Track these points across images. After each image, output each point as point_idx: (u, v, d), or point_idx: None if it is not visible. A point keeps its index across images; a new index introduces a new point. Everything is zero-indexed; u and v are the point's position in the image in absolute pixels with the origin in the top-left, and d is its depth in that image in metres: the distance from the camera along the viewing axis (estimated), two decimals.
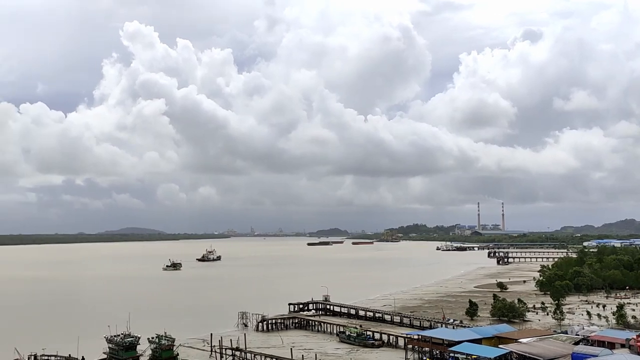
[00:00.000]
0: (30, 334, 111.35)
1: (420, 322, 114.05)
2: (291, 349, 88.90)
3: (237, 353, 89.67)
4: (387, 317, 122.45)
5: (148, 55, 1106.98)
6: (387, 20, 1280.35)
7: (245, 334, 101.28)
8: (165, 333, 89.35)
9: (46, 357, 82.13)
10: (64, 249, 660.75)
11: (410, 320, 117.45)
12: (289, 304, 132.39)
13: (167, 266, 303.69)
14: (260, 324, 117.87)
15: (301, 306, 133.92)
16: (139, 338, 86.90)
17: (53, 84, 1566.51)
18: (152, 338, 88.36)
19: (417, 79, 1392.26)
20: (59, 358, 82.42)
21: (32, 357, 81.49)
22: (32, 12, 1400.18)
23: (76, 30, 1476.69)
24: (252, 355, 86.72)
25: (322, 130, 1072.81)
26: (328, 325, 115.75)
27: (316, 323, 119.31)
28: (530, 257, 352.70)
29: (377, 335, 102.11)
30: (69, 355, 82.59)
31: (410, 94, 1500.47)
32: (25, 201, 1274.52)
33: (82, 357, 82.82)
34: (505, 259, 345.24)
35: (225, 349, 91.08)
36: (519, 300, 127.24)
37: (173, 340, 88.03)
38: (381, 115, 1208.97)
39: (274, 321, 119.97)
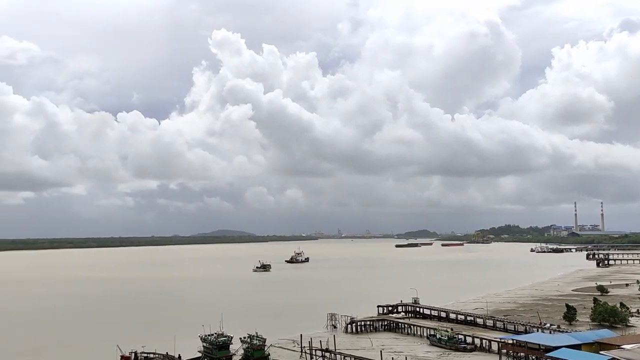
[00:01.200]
0: (130, 332, 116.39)
1: (514, 326, 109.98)
2: (381, 351, 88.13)
3: (327, 354, 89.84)
4: (480, 321, 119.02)
5: (235, 61, 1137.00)
6: (474, 16, 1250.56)
7: (334, 336, 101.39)
8: (257, 333, 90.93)
9: (145, 355, 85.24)
10: (159, 250, 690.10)
11: (504, 324, 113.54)
12: (378, 306, 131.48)
13: (257, 267, 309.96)
14: (349, 325, 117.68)
15: (390, 308, 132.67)
16: (232, 338, 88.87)
17: (147, 93, 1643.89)
18: (244, 338, 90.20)
19: (506, 76, 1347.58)
20: (157, 356, 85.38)
21: (133, 354, 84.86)
22: (126, 26, 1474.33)
23: (168, 40, 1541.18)
24: (342, 356, 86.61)
25: (407, 130, 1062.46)
26: (418, 328, 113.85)
27: (406, 325, 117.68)
28: (633, 259, 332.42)
29: (469, 339, 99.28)
30: (167, 353, 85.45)
31: (499, 91, 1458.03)
32: (124, 205, 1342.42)
33: (179, 355, 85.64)
34: (606, 261, 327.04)
35: (315, 350, 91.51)
36: (621, 304, 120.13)
37: (264, 340, 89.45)
38: (469, 114, 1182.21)
39: (362, 323, 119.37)
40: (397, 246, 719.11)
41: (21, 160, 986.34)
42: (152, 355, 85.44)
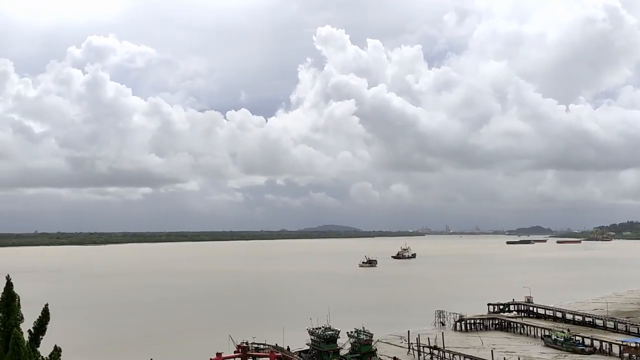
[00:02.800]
0: (241, 322, 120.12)
1: (638, 328, 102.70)
2: (492, 350, 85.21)
3: (435, 352, 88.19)
4: (599, 322, 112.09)
5: (340, 57, 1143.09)
6: (590, 1, 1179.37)
7: (442, 333, 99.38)
8: (364, 328, 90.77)
9: (256, 345, 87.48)
10: (268, 244, 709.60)
11: (626, 326, 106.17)
12: (488, 304, 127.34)
13: (363, 263, 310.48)
14: (458, 323, 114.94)
15: (501, 307, 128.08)
16: (339, 332, 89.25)
17: (254, 91, 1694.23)
18: (351, 332, 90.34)
19: (627, 63, 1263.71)
20: (267, 346, 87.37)
21: (244, 345, 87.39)
22: (234, 27, 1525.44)
23: (274, 40, 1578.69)
24: (451, 354, 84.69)
25: (517, 122, 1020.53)
26: (531, 327, 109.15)
27: (518, 325, 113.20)
28: None
29: (587, 341, 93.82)
30: (276, 344, 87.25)
31: (619, 79, 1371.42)
32: (234, 200, 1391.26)
33: (288, 346, 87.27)
34: None
35: (423, 347, 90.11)
36: None
37: (371, 335, 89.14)
38: (585, 104, 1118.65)
39: (472, 321, 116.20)
40: (508, 243, 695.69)
41: (140, 158, 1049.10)
42: (262, 346, 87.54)
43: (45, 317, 24.75)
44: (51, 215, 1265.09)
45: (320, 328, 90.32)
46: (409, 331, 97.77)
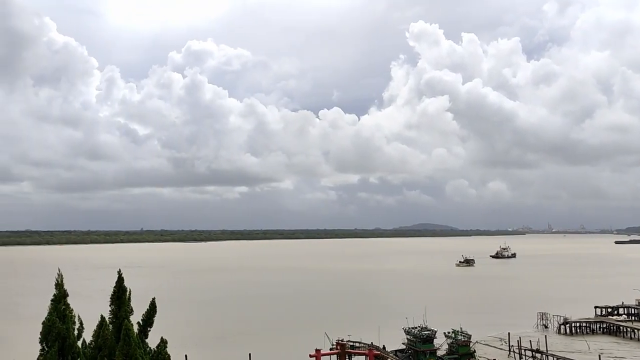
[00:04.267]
0: (336, 320, 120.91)
1: None
2: (599, 355, 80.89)
3: (538, 355, 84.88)
4: None
5: (434, 53, 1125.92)
6: None
7: (545, 336, 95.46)
8: (461, 329, 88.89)
9: (351, 343, 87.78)
10: (362, 242, 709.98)
11: None
12: (595, 307, 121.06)
13: (460, 262, 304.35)
14: (562, 326, 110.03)
15: (610, 310, 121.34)
16: (436, 332, 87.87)
17: (347, 90, 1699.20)
18: (448, 333, 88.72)
19: None
20: (362, 345, 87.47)
21: (340, 342, 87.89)
22: (326, 28, 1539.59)
23: (366, 38, 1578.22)
24: (555, 358, 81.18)
25: (624, 115, 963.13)
26: None
27: (629, 329, 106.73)
28: None
29: None
30: (371, 342, 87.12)
31: None
32: (327, 199, 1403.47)
33: (383, 345, 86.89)
34: None
35: (525, 349, 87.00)
36: None
37: (469, 336, 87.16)
38: None
39: (578, 324, 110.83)
40: (617, 243, 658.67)
41: (237, 158, 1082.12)
42: (357, 344, 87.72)
43: (152, 310, 25.96)
44: (155, 213, 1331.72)
45: (416, 327, 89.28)
46: (509, 333, 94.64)
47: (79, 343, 24.73)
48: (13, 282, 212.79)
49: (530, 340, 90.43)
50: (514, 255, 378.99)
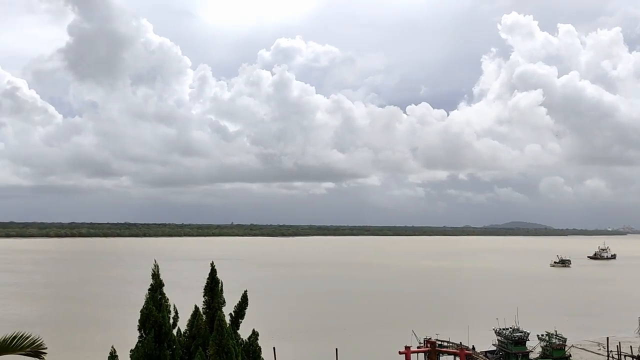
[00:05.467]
0: (423, 318, 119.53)
1: None
2: None
3: None
4: None
5: (527, 45, 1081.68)
6: None
7: None
8: (556, 331, 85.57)
9: (439, 342, 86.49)
10: (451, 240, 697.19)
11: None
12: None
13: (555, 262, 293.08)
14: None
15: None
16: (528, 334, 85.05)
17: (435, 85, 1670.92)
18: (542, 335, 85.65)
19: None
20: (451, 344, 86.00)
21: (430, 340, 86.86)
22: (414, 22, 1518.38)
23: (455, 32, 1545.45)
24: None
25: None
26: None
27: None
28: None
29: None
30: (460, 342, 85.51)
31: None
32: (415, 195, 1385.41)
33: (473, 346, 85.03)
34: None
35: (625, 355, 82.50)
36: None
37: (564, 340, 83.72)
38: None
39: None
40: None
41: (323, 154, 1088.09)
42: (445, 344, 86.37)
43: (244, 302, 26.59)
44: (245, 208, 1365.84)
45: (507, 329, 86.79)
46: (607, 338, 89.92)
47: (174, 331, 25.70)
48: (121, 271, 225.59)
49: (631, 346, 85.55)
50: (614, 257, 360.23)
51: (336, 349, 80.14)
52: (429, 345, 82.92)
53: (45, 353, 17.23)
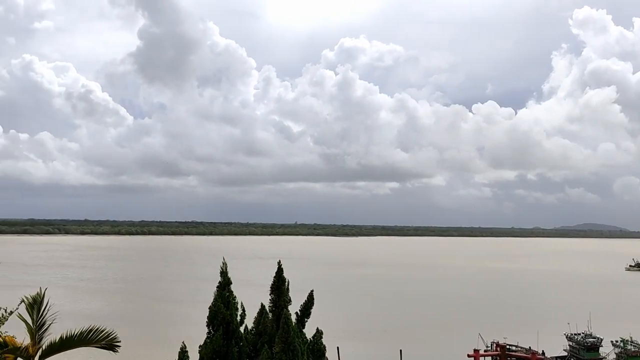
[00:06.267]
0: (489, 321, 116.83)
1: None
2: None
3: None
4: None
5: (600, 40, 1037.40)
6: None
7: None
8: (631, 338, 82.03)
9: (508, 346, 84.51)
10: (519, 242, 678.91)
11: None
12: None
13: (630, 266, 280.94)
14: None
15: None
16: (602, 340, 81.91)
17: (502, 83, 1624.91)
18: (616, 342, 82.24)
19: None
20: (519, 348, 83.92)
21: (495, 345, 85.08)
22: (481, 19, 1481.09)
23: (523, 28, 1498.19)
24: None
25: None
26: None
27: None
28: None
29: None
30: (529, 347, 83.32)
31: None
32: (481, 196, 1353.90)
33: (542, 351, 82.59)
34: None
35: None
36: None
37: None
38: None
39: None
40: None
41: (387, 153, 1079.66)
42: (514, 348, 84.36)
43: (310, 301, 26.78)
44: (308, 207, 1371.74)
45: (579, 334, 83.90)
46: None
47: (241, 328, 26.16)
48: (190, 269, 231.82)
49: None
50: None
51: (400, 351, 79.35)
52: (498, 348, 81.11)
53: (119, 346, 17.82)
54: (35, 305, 17.86)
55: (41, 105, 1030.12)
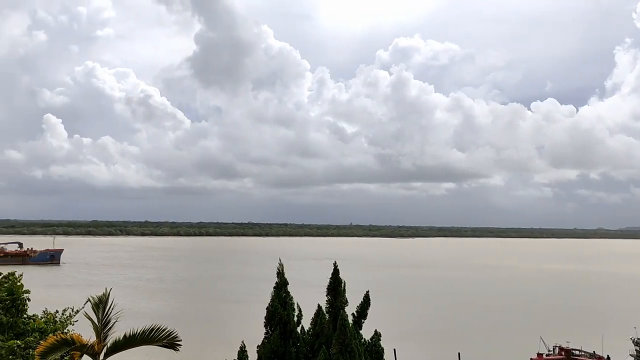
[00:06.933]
0: (551, 325, 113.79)
1: None
2: None
3: None
4: None
5: None
6: None
7: None
8: None
9: (573, 351, 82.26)
10: (582, 243, 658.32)
11: None
12: None
13: None
14: None
15: None
16: None
17: (562, 80, 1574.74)
18: None
19: None
20: (583, 353, 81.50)
21: (557, 348, 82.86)
22: (539, 16, 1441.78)
23: (584, 23, 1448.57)
24: None
25: None
26: None
27: None
28: None
29: None
30: (593, 352, 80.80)
31: None
32: (541, 196, 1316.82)
33: (607, 355, 79.89)
34: None
35: None
36: None
37: None
38: None
39: None
40: None
41: (442, 153, 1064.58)
42: (577, 352, 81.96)
43: (366, 302, 26.69)
44: (363, 209, 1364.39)
45: None
46: None
47: (298, 329, 26.28)
48: (247, 269, 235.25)
49: None
50: None
51: (458, 354, 78.10)
52: (562, 353, 78.94)
53: (180, 345, 18.18)
54: (101, 304, 18.44)
55: (103, 111, 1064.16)
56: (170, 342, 18.26)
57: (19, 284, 24.53)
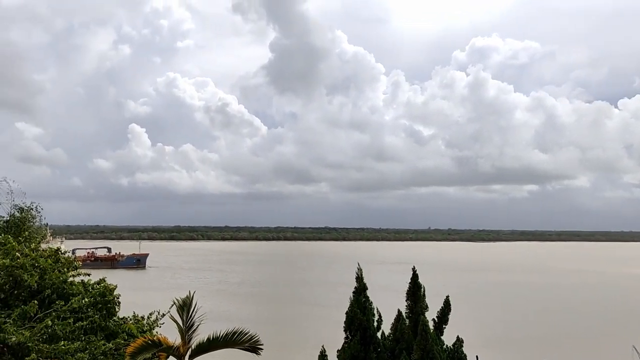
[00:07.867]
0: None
1: None
2: None
3: None
4: None
5: None
6: None
7: None
8: None
9: None
10: None
11: None
12: None
13: None
14: None
15: None
16: None
17: None
18: None
19: None
20: None
21: None
22: (623, 8, 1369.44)
23: None
24: None
25: None
26: None
27: None
28: None
29: None
30: None
31: None
32: (631, 197, 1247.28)
33: None
34: None
35: None
36: None
37: None
38: None
39: None
40: None
41: (523, 154, 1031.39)
42: None
43: (447, 307, 26.18)
44: (441, 212, 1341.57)
45: None
46: None
47: (378, 334, 26.08)
48: (328, 273, 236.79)
49: None
50: None
51: None
52: None
53: (262, 349, 18.43)
54: (185, 307, 18.97)
55: (183, 119, 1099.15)
56: (252, 345, 18.57)
57: (112, 286, 25.68)
